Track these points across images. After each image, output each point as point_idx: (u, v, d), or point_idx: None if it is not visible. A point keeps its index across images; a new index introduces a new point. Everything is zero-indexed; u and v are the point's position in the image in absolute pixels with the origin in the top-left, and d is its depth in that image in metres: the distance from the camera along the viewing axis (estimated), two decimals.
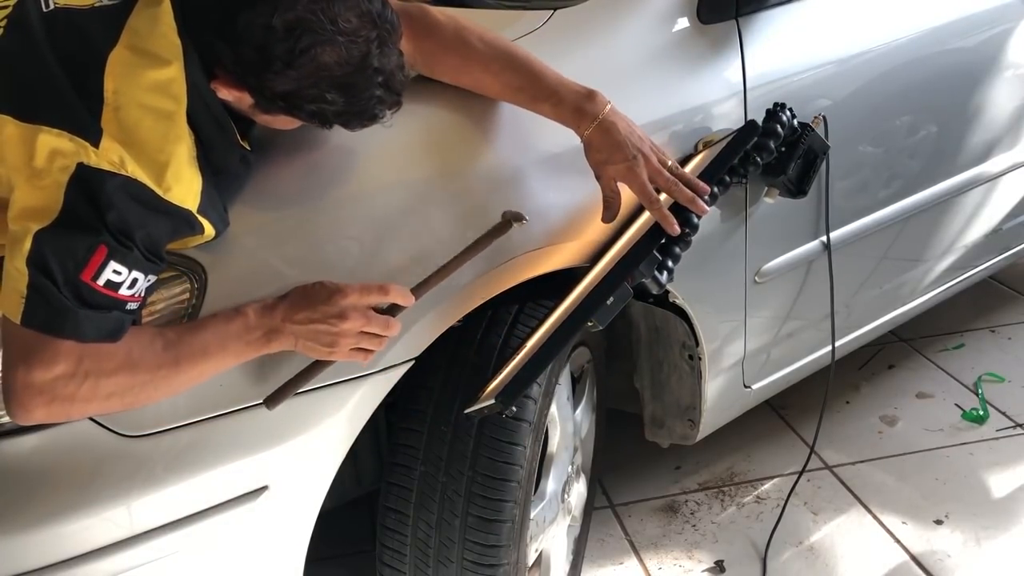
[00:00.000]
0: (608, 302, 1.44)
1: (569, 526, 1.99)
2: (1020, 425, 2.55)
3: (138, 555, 1.27)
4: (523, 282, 1.55)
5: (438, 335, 1.48)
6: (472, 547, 1.58)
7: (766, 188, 1.81)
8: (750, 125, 1.65)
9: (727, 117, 1.77)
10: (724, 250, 1.84)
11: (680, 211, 1.50)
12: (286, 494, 1.37)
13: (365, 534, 1.75)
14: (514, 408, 1.45)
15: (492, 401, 1.41)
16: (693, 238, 1.58)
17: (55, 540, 1.23)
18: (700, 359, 1.94)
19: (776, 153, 1.71)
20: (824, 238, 1.99)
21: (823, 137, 1.76)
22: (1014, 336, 3.01)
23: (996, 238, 2.59)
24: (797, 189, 1.75)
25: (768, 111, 1.73)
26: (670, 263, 1.55)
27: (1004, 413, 2.58)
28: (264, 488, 1.34)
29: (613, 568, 2.16)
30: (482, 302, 1.51)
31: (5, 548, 1.22)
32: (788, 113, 1.72)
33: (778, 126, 1.68)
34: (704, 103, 1.75)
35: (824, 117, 1.82)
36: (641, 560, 2.17)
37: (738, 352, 2.01)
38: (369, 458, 1.75)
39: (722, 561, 2.15)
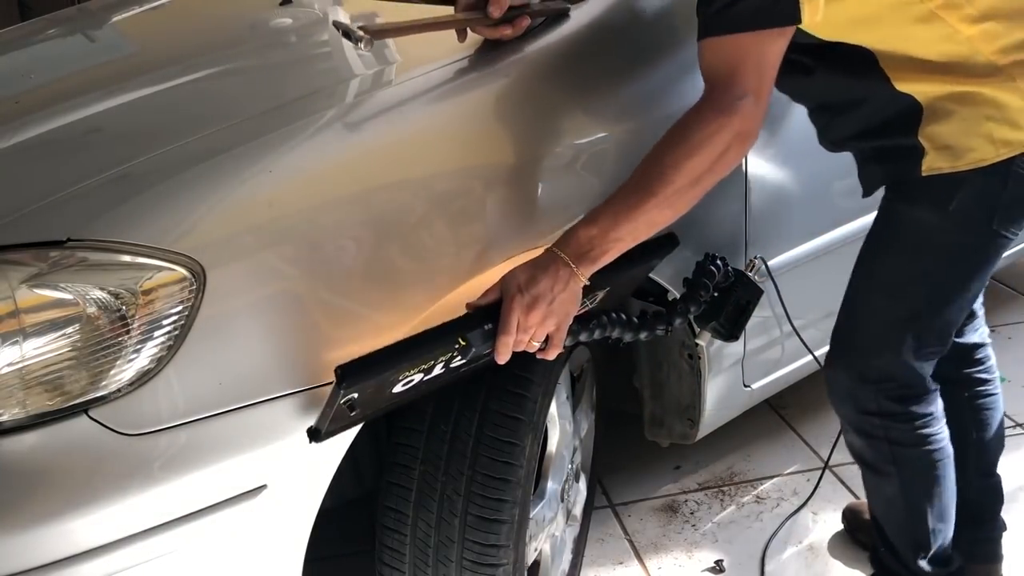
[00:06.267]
0: (486, 327, 1.40)
1: (569, 525, 1.99)
2: (1020, 425, 2.55)
3: (136, 554, 1.26)
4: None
5: None
6: (471, 546, 1.58)
7: (698, 330, 1.85)
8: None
9: None
10: (723, 247, 1.84)
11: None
12: (285, 493, 1.37)
13: (365, 534, 1.75)
14: (355, 395, 1.30)
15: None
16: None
17: (53, 538, 1.23)
18: (700, 358, 1.94)
19: (707, 303, 1.74)
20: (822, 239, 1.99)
21: (755, 282, 1.79)
22: (1014, 336, 3.01)
23: None
24: (728, 334, 1.79)
25: (698, 263, 1.73)
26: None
27: (1004, 413, 2.58)
28: (263, 487, 1.34)
29: (613, 568, 2.16)
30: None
31: (3, 547, 1.21)
32: (720, 263, 1.73)
33: (705, 279, 1.71)
34: None
35: (762, 259, 1.84)
36: (641, 560, 2.17)
37: (738, 351, 2.01)
38: (368, 457, 1.75)
39: (722, 561, 2.15)
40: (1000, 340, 2.98)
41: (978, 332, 1.90)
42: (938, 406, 1.71)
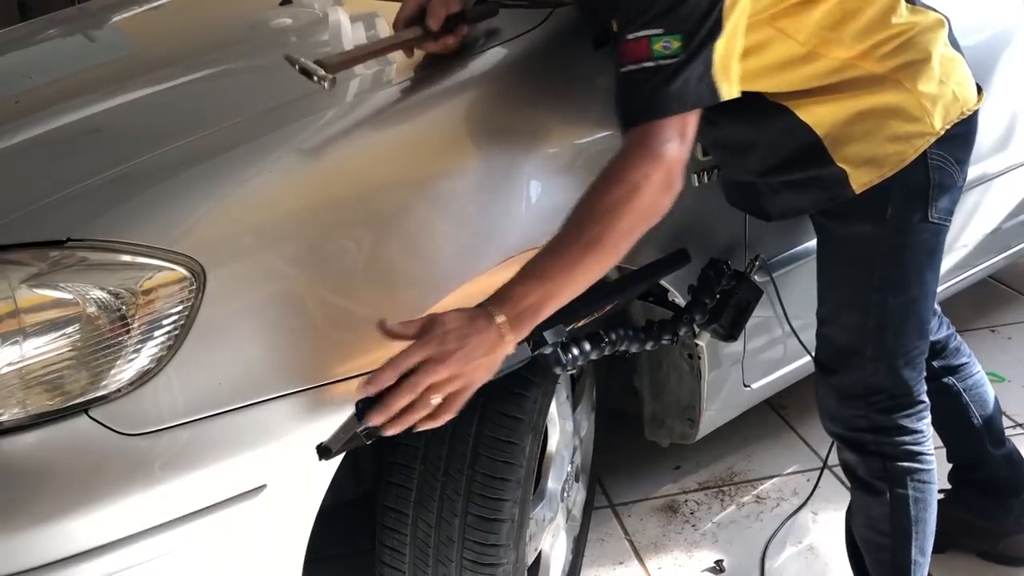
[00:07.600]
0: None
1: (569, 525, 1.99)
2: (1020, 425, 2.55)
3: (136, 554, 1.27)
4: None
5: None
6: (471, 546, 1.58)
7: (698, 330, 1.86)
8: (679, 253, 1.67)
9: None
10: (723, 246, 1.84)
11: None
12: (285, 492, 1.37)
13: (365, 534, 1.75)
14: (369, 424, 1.26)
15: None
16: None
17: (53, 538, 1.23)
18: (700, 358, 1.94)
19: (711, 309, 1.76)
20: None
21: (755, 283, 1.81)
22: (1014, 336, 3.01)
23: (996, 237, 2.59)
24: (728, 334, 1.80)
25: (702, 270, 1.76)
26: (574, 350, 1.53)
27: (1004, 413, 2.57)
28: (263, 487, 1.34)
29: (613, 568, 2.16)
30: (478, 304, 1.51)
31: (3, 547, 1.22)
32: (724, 267, 1.76)
33: (709, 286, 1.74)
34: None
35: (761, 257, 1.85)
36: (641, 560, 2.17)
37: (738, 351, 2.01)
38: (368, 457, 1.75)
39: (722, 561, 2.15)
40: (1000, 340, 2.98)
41: (943, 325, 1.98)
42: (928, 426, 1.72)
